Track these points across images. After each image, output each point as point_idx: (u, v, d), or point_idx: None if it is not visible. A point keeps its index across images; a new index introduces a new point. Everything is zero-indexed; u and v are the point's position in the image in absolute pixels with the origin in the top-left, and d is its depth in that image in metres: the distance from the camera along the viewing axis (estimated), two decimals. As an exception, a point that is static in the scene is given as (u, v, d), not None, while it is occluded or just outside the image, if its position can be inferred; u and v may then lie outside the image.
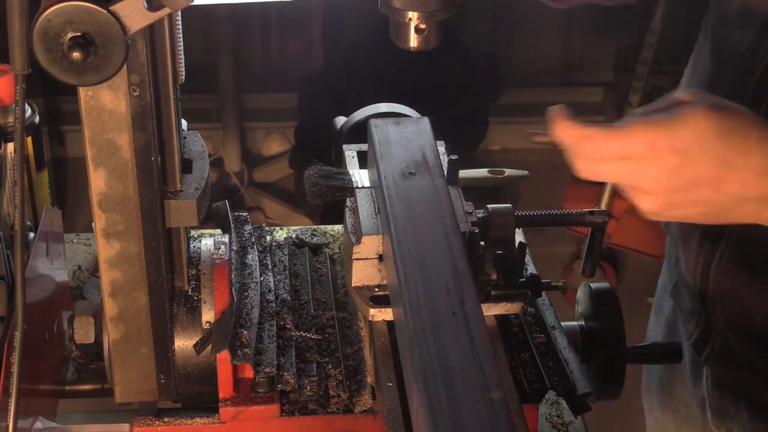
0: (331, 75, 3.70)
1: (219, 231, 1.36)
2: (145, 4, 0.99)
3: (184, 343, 1.23)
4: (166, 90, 1.14)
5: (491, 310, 1.19)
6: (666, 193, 1.05)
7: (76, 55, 0.98)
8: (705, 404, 1.49)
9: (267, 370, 1.20)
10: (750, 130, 1.03)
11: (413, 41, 1.12)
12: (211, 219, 1.32)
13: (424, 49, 1.14)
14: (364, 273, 1.21)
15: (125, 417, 1.24)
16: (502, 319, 1.25)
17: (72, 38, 0.97)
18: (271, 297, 1.32)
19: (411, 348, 1.00)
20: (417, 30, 1.10)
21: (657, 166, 1.03)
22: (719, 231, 1.35)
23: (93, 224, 1.15)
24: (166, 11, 1.01)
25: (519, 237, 1.37)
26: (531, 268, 1.27)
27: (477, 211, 1.26)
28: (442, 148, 1.35)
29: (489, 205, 1.25)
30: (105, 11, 0.97)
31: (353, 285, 1.22)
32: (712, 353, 1.42)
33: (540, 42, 3.96)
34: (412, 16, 1.10)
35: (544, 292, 1.32)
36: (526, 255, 1.30)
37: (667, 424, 1.66)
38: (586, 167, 1.07)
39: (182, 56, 1.19)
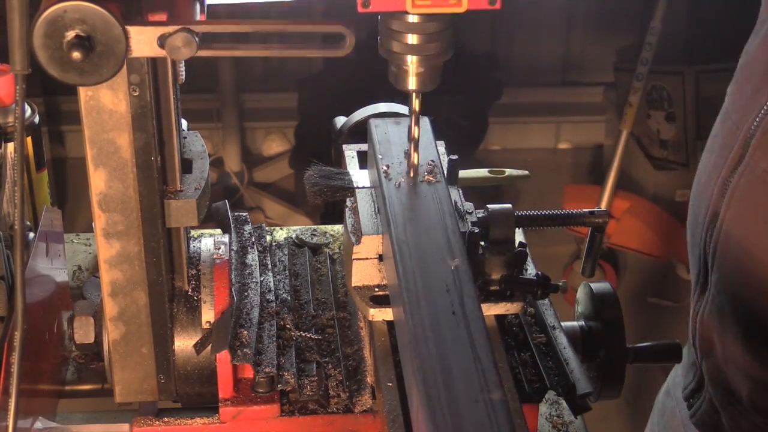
0: (331, 75, 3.70)
1: (219, 231, 1.36)
2: (158, 42, 1.00)
3: (184, 343, 1.23)
4: (166, 90, 1.14)
5: (491, 310, 1.19)
6: None
7: (76, 54, 0.98)
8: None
9: (267, 370, 1.20)
10: None
11: (412, 84, 1.13)
12: (211, 219, 1.32)
13: (422, 91, 1.14)
14: (364, 273, 1.21)
15: (125, 417, 1.24)
16: (502, 319, 1.25)
17: (71, 38, 0.97)
18: (271, 297, 1.32)
19: (411, 348, 1.00)
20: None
21: None
22: (706, 281, 1.32)
23: (93, 224, 1.15)
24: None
25: (519, 237, 1.37)
26: (531, 268, 1.27)
27: (477, 211, 1.26)
28: (442, 148, 1.35)
29: (489, 205, 1.25)
30: (105, 11, 0.97)
31: (353, 285, 1.22)
32: (699, 410, 1.38)
33: (540, 42, 3.95)
34: (412, 59, 1.10)
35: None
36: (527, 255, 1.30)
37: None
38: None
39: (182, 56, 1.19)
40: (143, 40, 1.02)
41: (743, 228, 1.03)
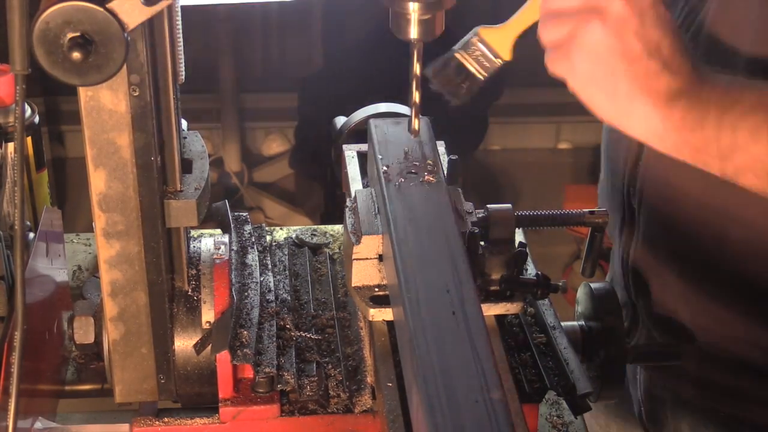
0: (331, 75, 3.70)
1: (219, 231, 1.36)
2: (143, 1, 0.99)
3: (184, 343, 1.23)
4: (166, 90, 1.14)
5: (491, 310, 1.19)
6: (605, 52, 1.04)
7: (76, 55, 0.98)
8: (641, 409, 1.48)
9: (267, 370, 1.20)
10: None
11: (414, 32, 1.12)
12: (211, 219, 1.32)
13: (425, 40, 1.13)
14: (364, 273, 1.21)
15: (125, 417, 1.24)
16: (502, 319, 1.25)
17: (71, 39, 0.97)
18: (271, 297, 1.32)
19: (411, 348, 1.00)
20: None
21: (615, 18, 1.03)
22: (633, 219, 1.37)
23: (93, 224, 1.15)
24: (163, 4, 1.01)
25: (519, 237, 1.38)
26: (531, 268, 1.27)
27: (477, 211, 1.26)
28: (442, 148, 1.36)
29: (489, 205, 1.25)
30: (102, 9, 0.97)
31: (353, 285, 1.22)
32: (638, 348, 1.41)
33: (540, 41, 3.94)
34: (414, 7, 1.10)
35: (544, 292, 1.32)
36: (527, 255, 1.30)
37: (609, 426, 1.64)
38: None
39: (182, 56, 1.19)
40: (130, 9, 0.99)
41: (664, 161, 1.08)
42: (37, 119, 1.78)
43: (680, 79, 1.03)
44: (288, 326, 1.28)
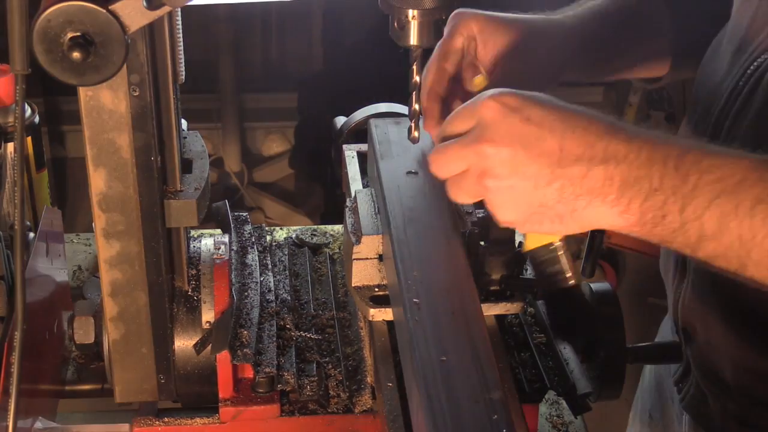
0: (331, 75, 3.70)
1: (219, 231, 1.36)
2: (145, 3, 0.99)
3: (184, 343, 1.23)
4: (166, 90, 1.14)
5: (491, 310, 1.19)
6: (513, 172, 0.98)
7: (76, 55, 0.98)
8: None
9: (267, 370, 1.20)
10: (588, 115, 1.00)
11: (413, 39, 1.12)
12: (211, 219, 1.32)
13: (424, 47, 1.14)
14: (364, 273, 1.21)
15: (125, 417, 1.24)
16: (502, 319, 1.25)
17: (72, 38, 0.97)
18: (271, 297, 1.32)
19: (411, 348, 1.00)
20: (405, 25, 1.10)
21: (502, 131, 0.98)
22: (684, 267, 1.31)
23: (93, 224, 1.15)
24: (165, 9, 1.01)
25: (519, 237, 1.37)
26: (531, 268, 1.27)
27: (477, 211, 1.26)
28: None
29: (489, 205, 1.25)
30: (104, 11, 0.97)
31: (353, 285, 1.22)
32: (687, 395, 1.37)
33: (540, 42, 3.94)
34: (413, 14, 1.11)
35: (544, 292, 1.32)
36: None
37: None
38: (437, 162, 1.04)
39: (182, 56, 1.19)
40: (132, 12, 0.99)
41: None
42: (37, 119, 1.78)
43: (617, 161, 0.96)
44: (288, 326, 1.28)
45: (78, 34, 0.97)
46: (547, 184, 0.98)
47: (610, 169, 0.97)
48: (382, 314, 1.19)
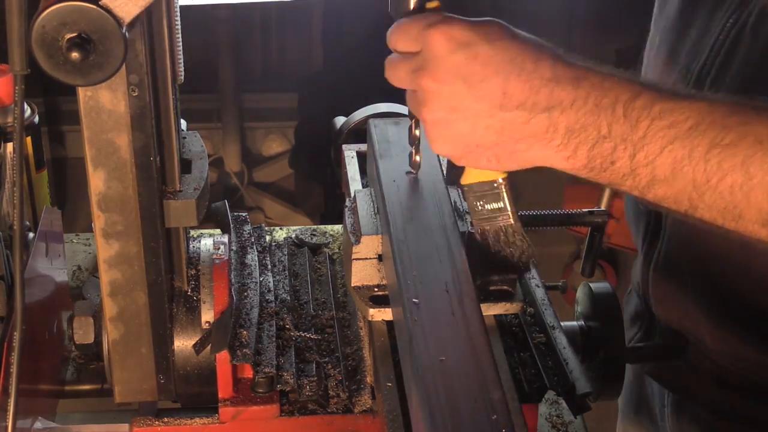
0: (331, 75, 3.69)
1: (219, 231, 1.36)
2: None
3: (183, 343, 1.23)
4: (165, 90, 1.14)
5: (491, 310, 1.19)
6: (450, 97, 0.96)
7: (75, 55, 0.97)
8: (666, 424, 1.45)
9: (266, 370, 1.20)
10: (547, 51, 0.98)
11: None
12: (210, 219, 1.32)
13: None
14: (363, 273, 1.21)
15: (125, 417, 1.24)
16: (501, 318, 1.25)
17: (69, 39, 0.97)
18: (270, 297, 1.32)
19: (411, 348, 1.00)
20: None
21: (445, 53, 0.96)
22: (657, 228, 1.32)
23: (92, 224, 1.15)
24: None
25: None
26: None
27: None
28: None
29: (489, 205, 1.25)
30: (95, 7, 0.97)
31: (353, 285, 1.22)
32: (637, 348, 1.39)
33: (540, 42, 3.94)
34: None
35: (544, 292, 1.32)
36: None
37: None
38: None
39: (181, 56, 1.19)
40: (123, 3, 0.98)
41: None
42: (36, 119, 1.78)
43: (562, 108, 0.94)
44: (287, 326, 1.28)
45: (75, 34, 0.97)
46: (486, 127, 0.96)
47: (554, 117, 0.95)
48: (381, 314, 1.19)
